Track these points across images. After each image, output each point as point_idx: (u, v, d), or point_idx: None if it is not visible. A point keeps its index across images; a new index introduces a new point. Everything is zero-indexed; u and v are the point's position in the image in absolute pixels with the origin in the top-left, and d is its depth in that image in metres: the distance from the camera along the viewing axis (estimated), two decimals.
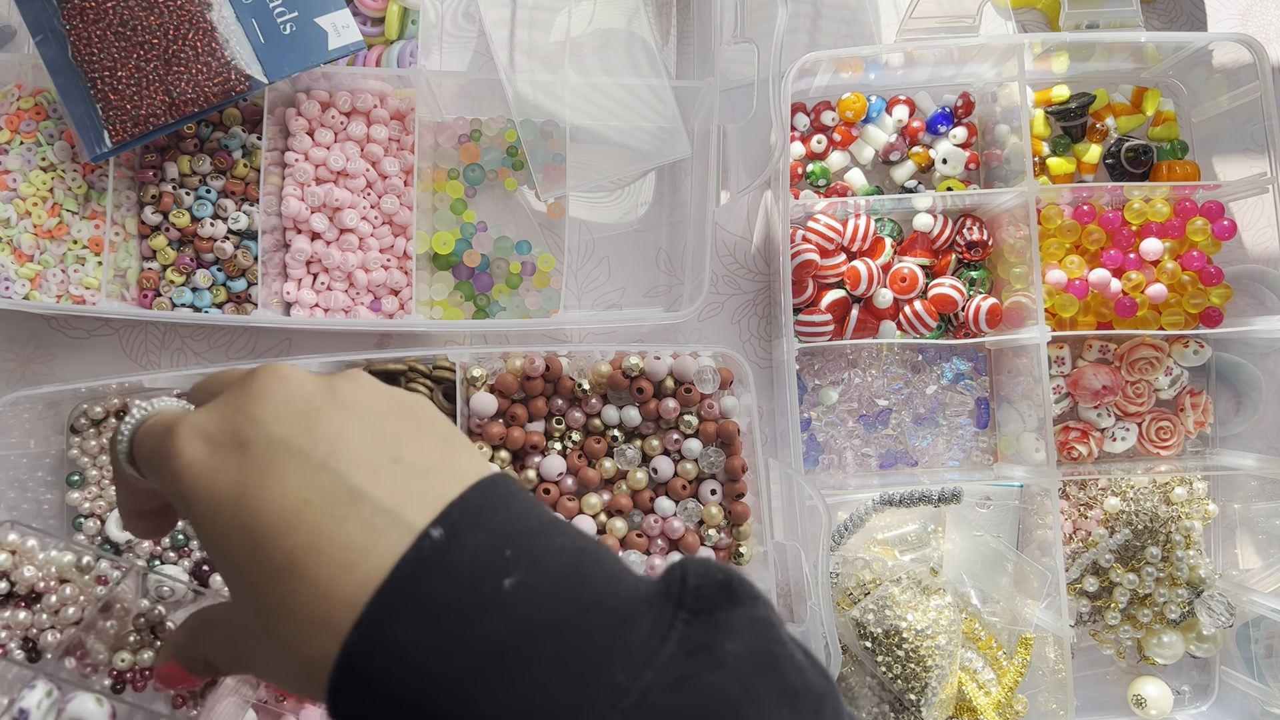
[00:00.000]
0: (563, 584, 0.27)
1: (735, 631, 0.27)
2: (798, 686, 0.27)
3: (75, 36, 0.64)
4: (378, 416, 0.31)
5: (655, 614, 0.26)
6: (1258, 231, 0.81)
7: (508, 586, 0.26)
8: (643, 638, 0.26)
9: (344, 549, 0.27)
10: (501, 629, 0.25)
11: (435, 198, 0.77)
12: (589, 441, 0.72)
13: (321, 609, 0.26)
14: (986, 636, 0.74)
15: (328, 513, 0.27)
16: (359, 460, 0.29)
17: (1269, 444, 0.78)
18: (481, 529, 0.27)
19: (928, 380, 0.80)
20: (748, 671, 0.26)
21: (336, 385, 0.31)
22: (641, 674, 0.25)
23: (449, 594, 0.26)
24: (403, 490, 0.28)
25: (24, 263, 0.70)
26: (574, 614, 0.26)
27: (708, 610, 0.27)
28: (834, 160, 0.79)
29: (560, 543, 0.28)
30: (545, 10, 0.74)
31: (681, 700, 0.24)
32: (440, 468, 0.29)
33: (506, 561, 0.26)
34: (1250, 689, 0.77)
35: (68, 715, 0.57)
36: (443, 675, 0.25)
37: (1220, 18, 0.86)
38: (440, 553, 0.26)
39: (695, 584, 0.27)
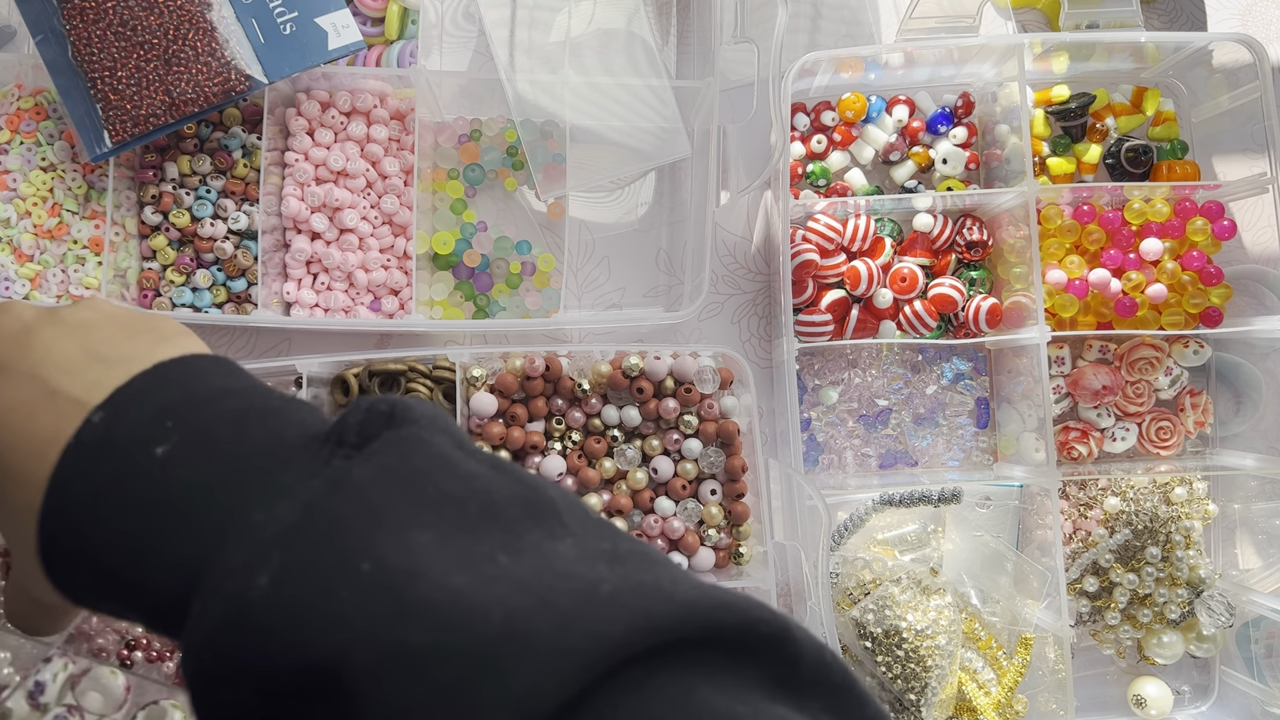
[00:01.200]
0: (219, 442, 0.29)
1: (371, 454, 0.28)
2: (450, 491, 0.27)
3: (75, 36, 0.64)
4: (94, 327, 0.33)
5: (311, 454, 0.28)
6: (1258, 231, 0.80)
7: (159, 454, 0.28)
8: (289, 478, 0.27)
9: (40, 440, 0.30)
10: (155, 493, 0.28)
11: (435, 198, 0.77)
12: (589, 441, 0.72)
13: (24, 497, 0.29)
14: (986, 636, 0.74)
15: (28, 413, 0.30)
16: (63, 365, 0.31)
17: (1269, 444, 0.78)
18: (145, 406, 0.30)
19: (928, 380, 0.80)
20: (372, 488, 0.27)
21: (59, 310, 0.34)
22: (274, 509, 0.26)
23: (106, 468, 0.28)
24: (95, 381, 0.30)
25: (24, 263, 0.70)
26: (226, 467, 0.28)
27: (365, 441, 0.28)
28: (834, 160, 0.79)
29: (231, 406, 0.30)
30: (545, 10, 0.74)
31: (300, 526, 0.26)
32: (140, 356, 0.32)
33: (164, 431, 0.29)
34: (1250, 689, 0.77)
35: (83, 688, 0.58)
36: (109, 542, 0.28)
37: (1220, 18, 0.86)
38: (99, 434, 0.29)
39: (357, 420, 0.29)
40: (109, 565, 0.28)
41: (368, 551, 0.25)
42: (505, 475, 0.29)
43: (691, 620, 0.24)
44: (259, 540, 0.26)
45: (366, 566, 0.25)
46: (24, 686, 0.57)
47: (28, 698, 0.56)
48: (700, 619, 0.24)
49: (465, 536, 0.26)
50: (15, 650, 0.62)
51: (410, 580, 0.24)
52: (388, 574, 0.25)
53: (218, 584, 0.26)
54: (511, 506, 0.27)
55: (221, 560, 0.26)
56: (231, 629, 0.25)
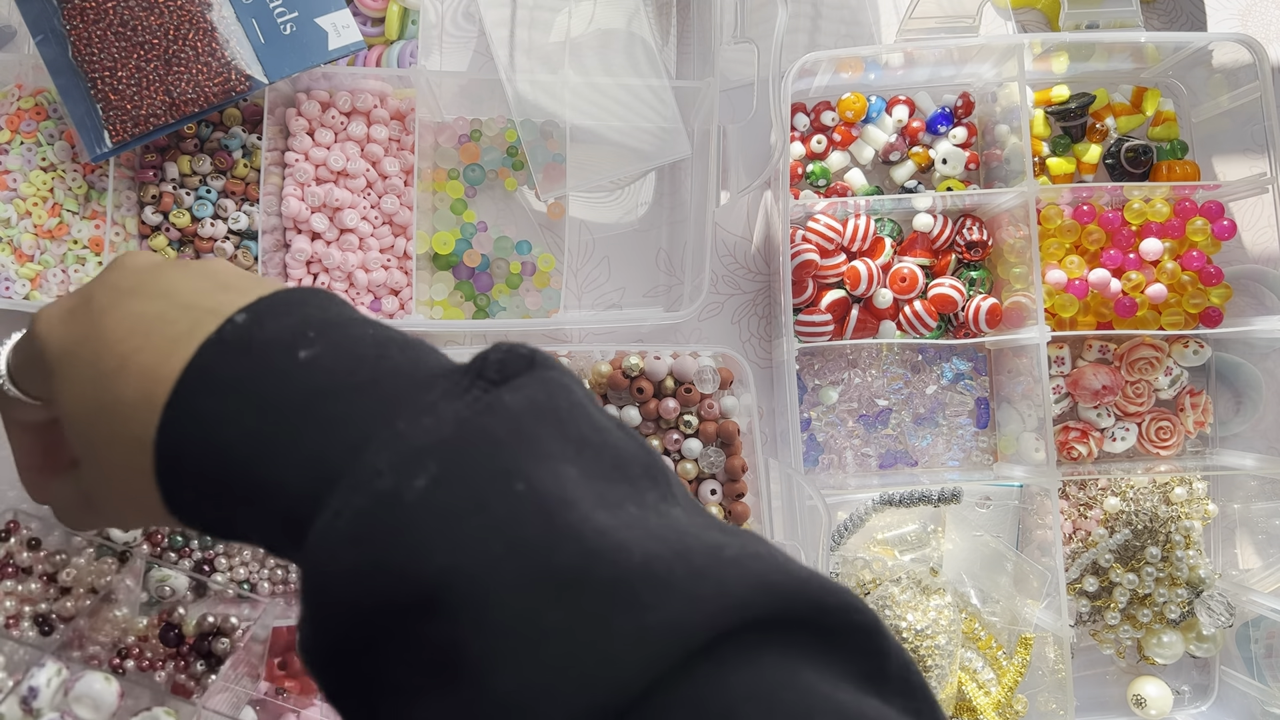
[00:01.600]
0: (361, 358, 0.29)
1: (518, 387, 0.28)
2: (589, 437, 0.28)
3: (75, 36, 0.64)
4: (220, 268, 0.33)
5: (451, 382, 0.28)
6: (1258, 231, 0.81)
7: (303, 358, 0.28)
8: (433, 398, 0.27)
9: (170, 340, 0.29)
10: (294, 395, 0.28)
11: (435, 198, 0.77)
12: None
13: (146, 390, 0.29)
14: (986, 636, 0.74)
15: (162, 319, 0.30)
16: (195, 289, 0.31)
17: (1269, 444, 0.78)
18: (287, 316, 0.30)
19: (928, 380, 0.80)
20: (524, 416, 0.27)
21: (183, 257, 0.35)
22: (421, 421, 0.27)
23: (245, 367, 0.28)
24: (230, 300, 0.31)
25: (24, 263, 0.70)
26: (366, 381, 0.28)
27: (506, 379, 0.28)
28: (834, 160, 0.79)
29: (370, 332, 0.30)
30: (545, 10, 0.74)
31: (453, 438, 0.26)
32: (269, 285, 0.32)
33: (306, 340, 0.29)
34: (1250, 689, 0.77)
35: (76, 693, 0.58)
36: (240, 438, 0.28)
37: (1220, 18, 0.86)
38: (241, 333, 0.29)
39: (498, 358, 0.29)
40: (234, 459, 0.28)
41: (520, 473, 0.26)
42: (629, 436, 0.30)
43: (803, 595, 0.25)
44: (409, 448, 0.26)
45: (521, 486, 0.25)
46: (17, 692, 0.57)
47: (20, 703, 0.56)
48: (810, 596, 0.25)
49: (601, 481, 0.27)
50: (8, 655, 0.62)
51: (561, 507, 0.25)
52: (540, 497, 0.25)
53: (366, 481, 0.26)
54: (635, 465, 0.28)
55: (366, 461, 0.26)
56: (383, 523, 0.25)
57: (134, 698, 0.61)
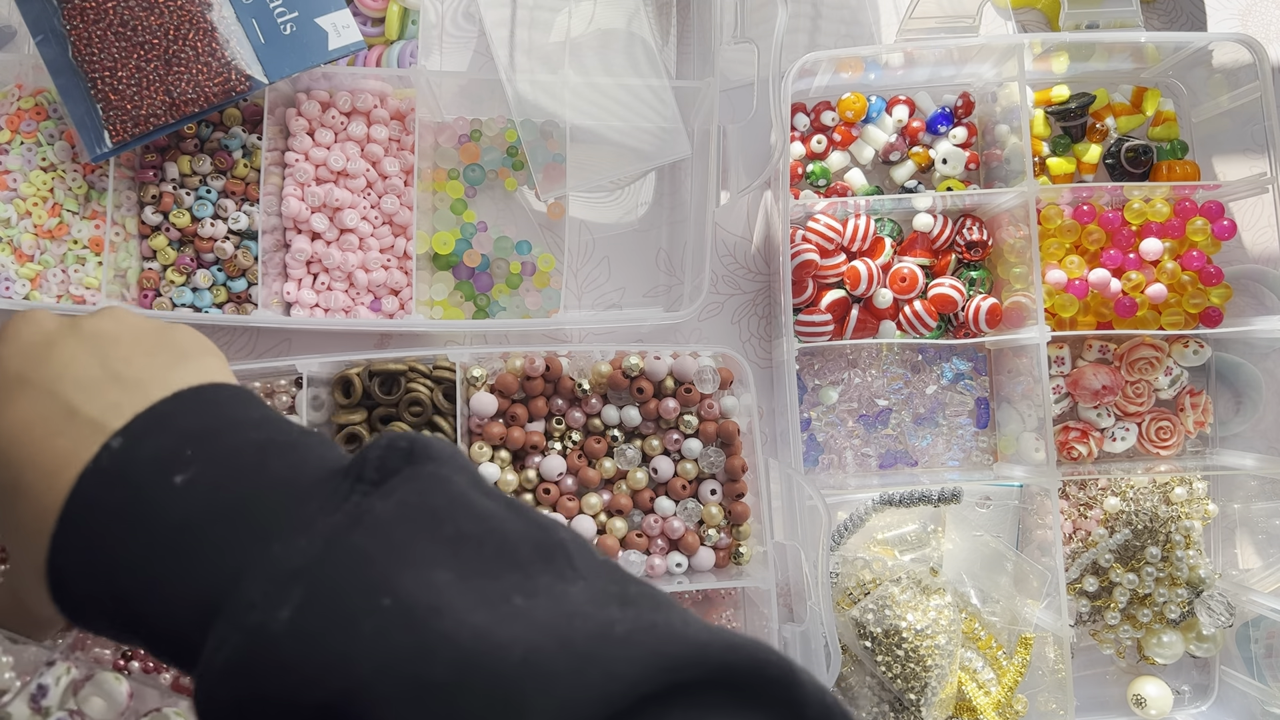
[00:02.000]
0: (239, 473, 0.29)
1: (391, 491, 0.28)
2: (466, 531, 0.28)
3: (75, 36, 0.64)
4: (115, 342, 0.33)
5: (330, 490, 0.28)
6: (1258, 231, 0.81)
7: (179, 483, 0.28)
8: (310, 512, 0.27)
9: (54, 460, 0.29)
10: (171, 521, 0.28)
11: (435, 198, 0.77)
12: (589, 441, 0.72)
13: (36, 519, 0.29)
14: (986, 636, 0.74)
15: (46, 431, 0.30)
16: (82, 382, 0.31)
17: (1269, 444, 0.78)
18: (164, 433, 0.30)
19: (928, 380, 0.80)
20: (393, 524, 0.27)
21: (81, 320, 0.34)
22: (295, 542, 0.27)
23: (121, 498, 0.28)
24: (114, 403, 0.30)
25: (24, 263, 0.70)
26: (244, 498, 0.28)
27: (384, 478, 0.28)
28: (834, 160, 0.79)
29: (252, 437, 0.30)
30: (545, 10, 0.74)
31: (321, 560, 0.26)
32: (157, 379, 0.31)
33: (183, 460, 0.29)
34: (1250, 689, 0.77)
35: (86, 693, 0.57)
36: (122, 570, 0.28)
37: (1220, 18, 0.86)
38: (118, 460, 0.29)
39: (377, 455, 0.29)
40: (120, 591, 0.28)
41: (389, 586, 0.25)
42: (519, 515, 0.29)
43: (703, 660, 0.24)
44: (280, 573, 0.26)
45: (388, 601, 0.25)
46: (26, 690, 0.57)
47: (29, 701, 0.56)
48: (711, 659, 0.25)
49: (481, 576, 0.26)
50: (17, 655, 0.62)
51: (432, 616, 0.25)
52: (409, 609, 0.25)
53: (238, 616, 0.26)
54: (524, 547, 0.28)
55: (241, 592, 0.26)
56: (251, 661, 0.25)
57: (141, 698, 0.61)
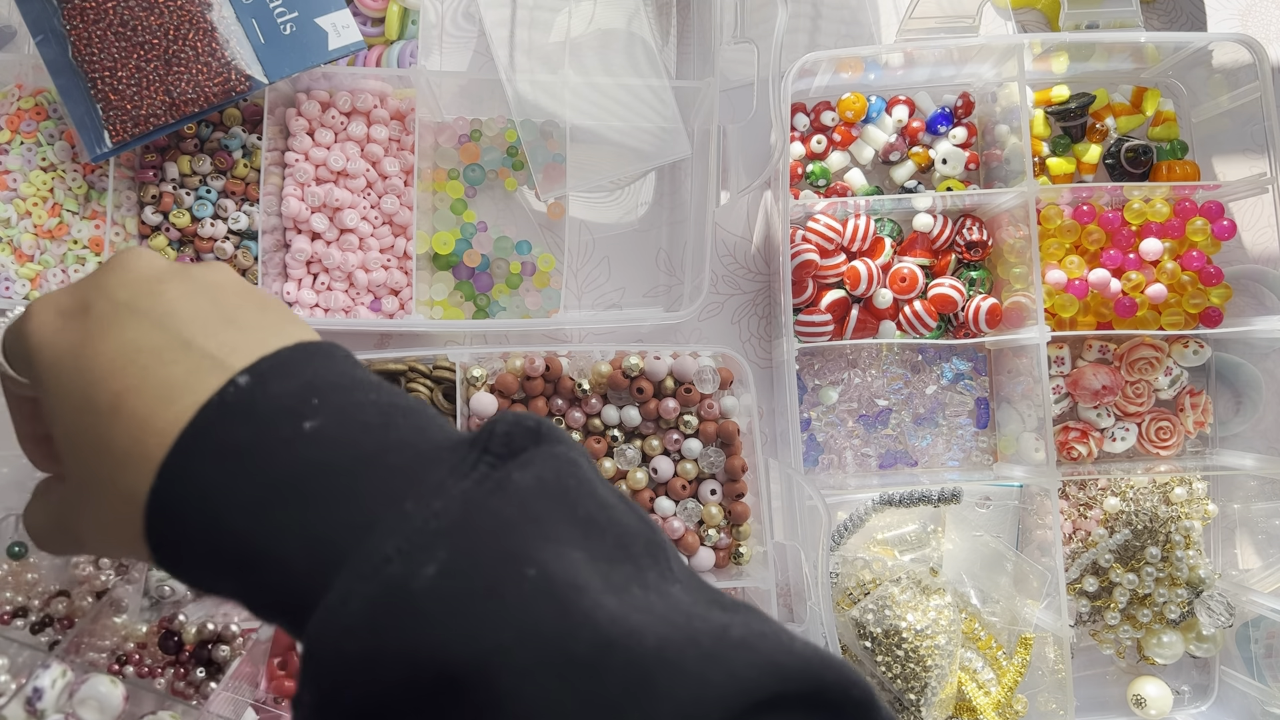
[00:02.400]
0: (366, 428, 0.28)
1: (527, 464, 0.28)
2: (595, 516, 0.28)
3: (75, 36, 0.64)
4: (224, 291, 0.32)
5: (458, 457, 0.28)
6: (1258, 231, 0.81)
7: (308, 429, 0.27)
8: (440, 476, 0.27)
9: (167, 386, 0.28)
10: (297, 467, 0.27)
11: (435, 198, 0.77)
12: (589, 441, 0.72)
13: (139, 443, 0.28)
14: (986, 636, 0.74)
15: (158, 357, 0.29)
16: (196, 319, 0.30)
17: (1269, 444, 0.78)
18: (290, 379, 0.29)
19: (928, 380, 0.80)
20: (532, 495, 0.27)
21: (190, 266, 0.33)
22: (430, 503, 0.26)
23: (248, 434, 0.27)
24: (231, 343, 0.30)
25: (24, 263, 0.70)
26: (372, 454, 0.28)
27: (513, 454, 0.28)
28: (834, 160, 0.79)
29: (373, 397, 0.29)
30: (545, 10, 0.74)
31: (462, 521, 0.26)
32: (274, 329, 0.31)
33: (311, 408, 0.28)
34: (1250, 689, 0.77)
35: (81, 695, 0.58)
36: (238, 509, 0.27)
37: (1220, 18, 0.86)
38: (243, 397, 0.28)
39: (504, 430, 0.29)
40: (231, 530, 0.27)
41: (532, 557, 0.25)
42: (632, 510, 0.29)
43: (805, 674, 0.25)
44: (420, 531, 0.26)
45: (532, 572, 0.25)
46: (21, 693, 0.57)
47: (25, 704, 0.56)
48: (813, 674, 0.25)
49: (605, 563, 0.27)
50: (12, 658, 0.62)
51: (574, 593, 0.25)
52: (552, 583, 0.25)
53: (374, 567, 0.25)
54: (638, 541, 0.28)
55: (374, 544, 0.25)
56: (387, 616, 0.25)
57: (137, 702, 0.61)
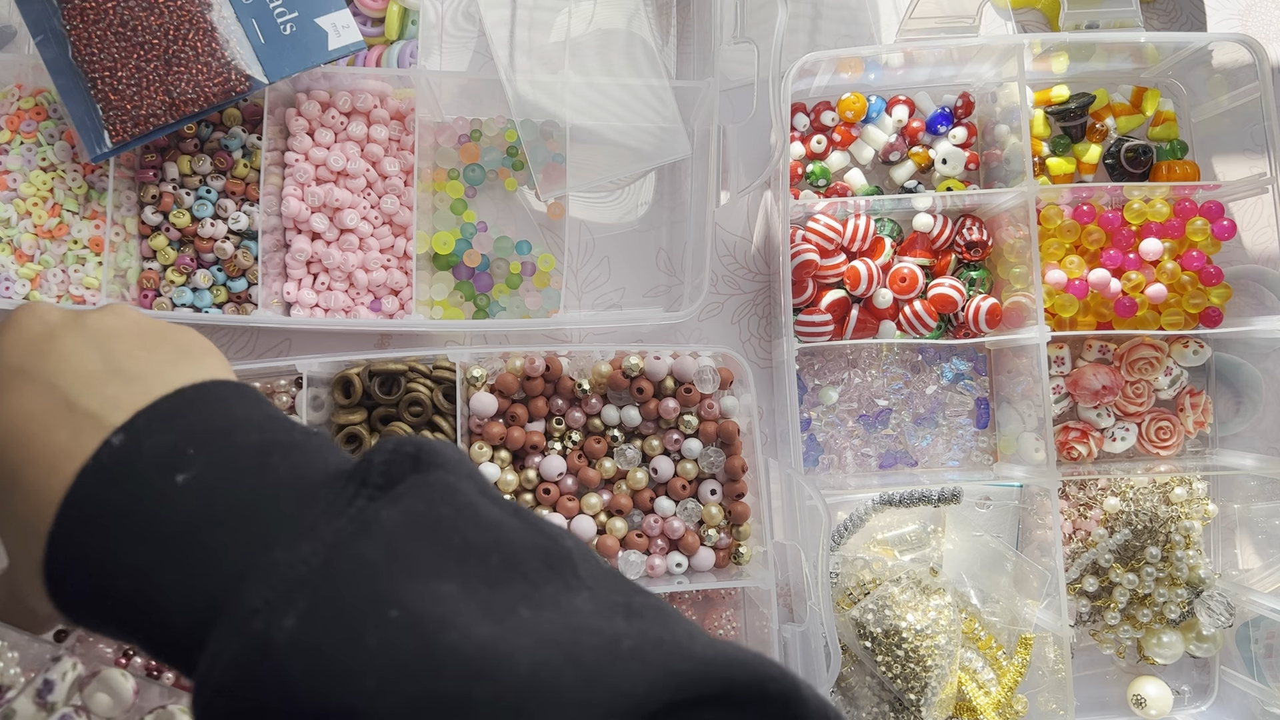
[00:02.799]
0: (241, 474, 0.28)
1: (398, 498, 0.28)
2: (476, 542, 0.27)
3: (75, 37, 0.64)
4: (116, 337, 0.32)
5: (335, 494, 0.28)
6: (1258, 231, 0.81)
7: (180, 482, 0.28)
8: (313, 516, 0.27)
9: (53, 454, 0.29)
10: (173, 522, 0.27)
11: (435, 198, 0.77)
12: (589, 441, 0.72)
13: (34, 514, 0.29)
14: (986, 636, 0.74)
15: (44, 423, 0.30)
16: (82, 376, 0.31)
17: (1269, 444, 0.78)
18: (166, 431, 0.29)
19: (928, 380, 0.80)
20: (400, 534, 0.27)
21: (84, 315, 0.33)
22: (297, 548, 0.26)
23: (122, 496, 0.28)
24: (113, 397, 0.30)
25: (24, 263, 0.70)
26: (248, 501, 0.28)
27: (390, 483, 0.28)
28: (834, 160, 0.79)
29: (254, 438, 0.30)
30: (545, 10, 0.74)
31: (326, 567, 0.26)
32: (159, 375, 0.31)
33: (185, 459, 0.28)
34: (1250, 689, 0.77)
35: (92, 688, 0.57)
36: (123, 570, 0.27)
37: (1220, 18, 0.86)
38: (118, 458, 0.28)
39: (382, 460, 0.29)
40: (119, 591, 0.27)
41: (395, 598, 0.25)
42: (525, 524, 0.29)
43: (708, 677, 0.25)
44: (284, 579, 0.25)
45: (395, 613, 0.25)
46: (31, 686, 0.57)
47: (35, 696, 0.56)
48: (716, 675, 0.25)
49: (488, 588, 0.26)
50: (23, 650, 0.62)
51: (439, 628, 0.24)
52: (416, 621, 0.25)
53: (240, 622, 0.25)
54: (531, 558, 0.28)
55: (243, 597, 0.26)
56: (254, 669, 0.25)
57: (147, 695, 0.61)
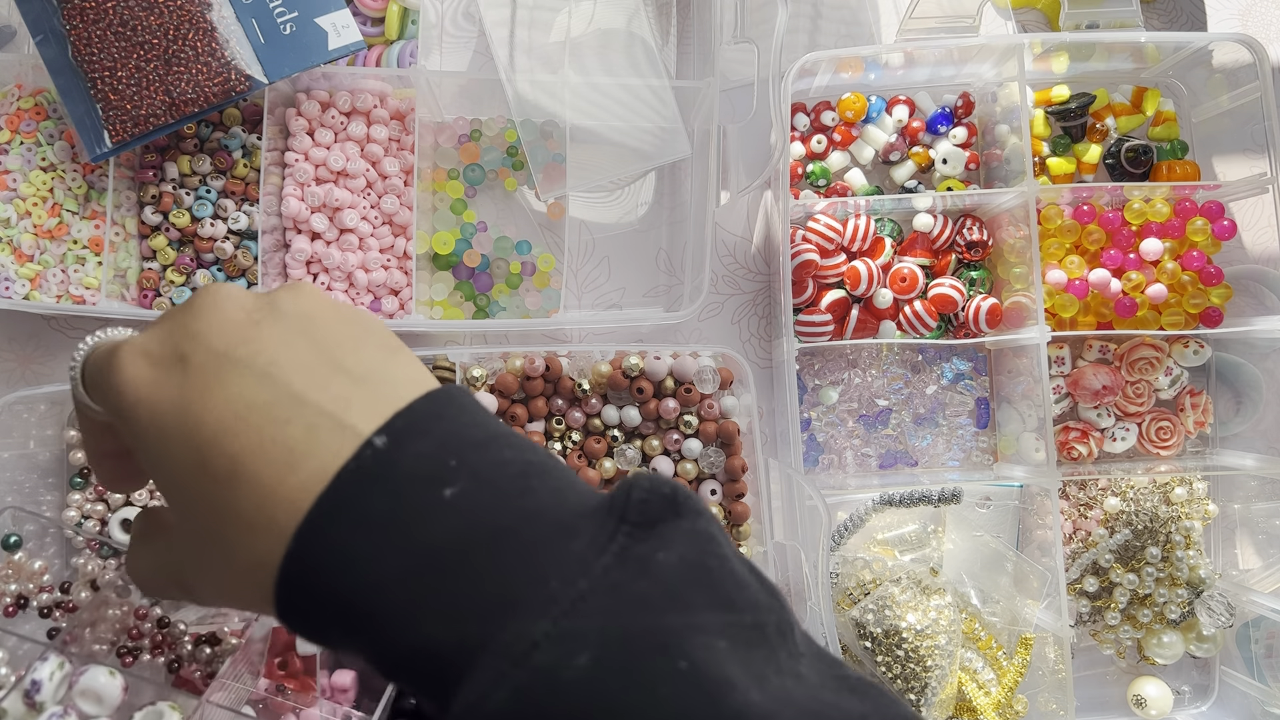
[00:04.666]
0: (505, 494, 0.27)
1: (669, 542, 0.27)
2: (735, 598, 0.27)
3: (75, 36, 0.64)
4: (320, 324, 0.31)
5: (596, 526, 0.27)
6: (1258, 231, 0.81)
7: (449, 496, 0.26)
8: (581, 549, 0.26)
9: (287, 450, 0.27)
10: (439, 537, 0.26)
11: (435, 198, 0.77)
12: (589, 441, 0.72)
13: (266, 510, 0.27)
14: (986, 636, 0.74)
15: (270, 416, 0.28)
16: (301, 368, 0.29)
17: (1269, 444, 0.78)
18: (425, 438, 0.28)
19: (928, 380, 0.80)
20: (677, 579, 0.26)
21: (277, 297, 0.32)
22: (575, 582, 0.25)
23: (390, 502, 0.26)
24: (344, 396, 0.28)
25: (24, 263, 0.70)
26: (513, 524, 0.26)
27: (649, 523, 0.27)
28: (834, 160, 0.79)
29: (508, 455, 0.28)
30: (545, 10, 0.74)
31: (610, 606, 0.25)
32: (384, 375, 0.30)
33: (450, 470, 0.27)
34: (1250, 689, 0.77)
35: (80, 688, 0.57)
36: (379, 581, 0.26)
37: (1220, 18, 0.86)
38: (382, 461, 0.27)
39: (640, 498, 0.28)
40: (367, 603, 0.26)
41: (683, 649, 0.24)
42: (763, 585, 0.29)
43: None
44: (567, 613, 0.25)
45: (684, 665, 0.24)
46: (20, 686, 0.57)
47: (24, 697, 0.56)
48: None
49: (746, 648, 0.26)
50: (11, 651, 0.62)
51: (725, 690, 0.24)
52: (704, 678, 0.24)
53: (523, 652, 0.24)
54: (770, 622, 0.27)
55: (520, 627, 0.25)
56: (538, 704, 0.24)
57: (136, 692, 0.61)
